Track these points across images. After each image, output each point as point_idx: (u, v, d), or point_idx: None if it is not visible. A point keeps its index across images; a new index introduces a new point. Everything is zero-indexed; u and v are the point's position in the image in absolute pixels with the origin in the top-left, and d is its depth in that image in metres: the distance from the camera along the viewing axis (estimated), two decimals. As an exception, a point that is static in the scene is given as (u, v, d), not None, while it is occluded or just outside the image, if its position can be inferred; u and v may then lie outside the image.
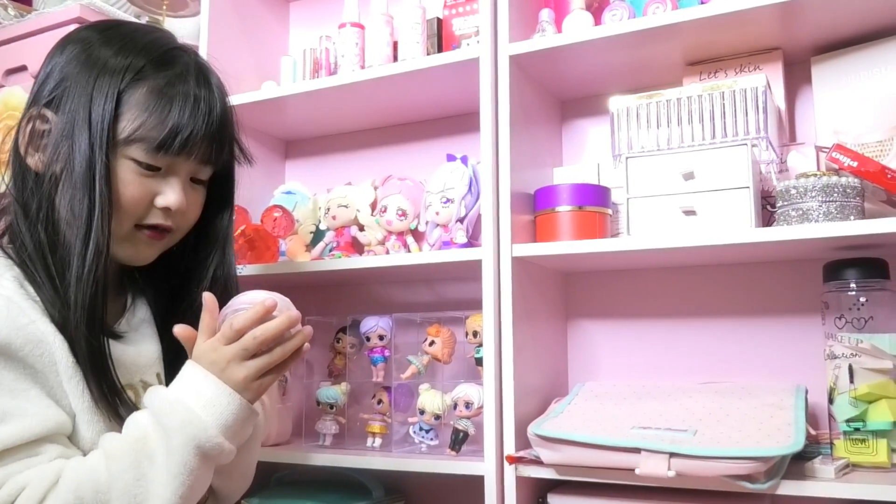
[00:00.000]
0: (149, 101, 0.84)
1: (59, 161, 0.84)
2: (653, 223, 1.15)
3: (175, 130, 0.84)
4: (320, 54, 1.59)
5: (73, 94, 0.84)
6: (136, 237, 0.89)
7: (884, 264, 1.09)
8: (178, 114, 0.84)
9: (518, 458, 1.17)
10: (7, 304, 0.78)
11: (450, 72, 1.35)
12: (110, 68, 0.84)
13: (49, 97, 0.85)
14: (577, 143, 1.49)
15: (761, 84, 1.13)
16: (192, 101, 0.86)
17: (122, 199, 0.84)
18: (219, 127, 0.89)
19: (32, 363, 0.79)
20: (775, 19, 1.16)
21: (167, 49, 0.89)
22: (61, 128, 0.84)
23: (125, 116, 0.83)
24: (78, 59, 0.86)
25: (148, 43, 0.88)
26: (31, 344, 0.78)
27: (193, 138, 0.85)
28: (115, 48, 0.86)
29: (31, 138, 0.86)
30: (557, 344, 1.42)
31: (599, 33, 1.21)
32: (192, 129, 0.85)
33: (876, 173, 1.05)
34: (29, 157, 0.86)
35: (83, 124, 0.82)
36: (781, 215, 1.10)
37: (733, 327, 1.32)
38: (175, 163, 0.87)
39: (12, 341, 0.77)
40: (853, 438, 1.05)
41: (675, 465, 1.01)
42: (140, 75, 0.84)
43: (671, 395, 1.20)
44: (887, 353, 1.05)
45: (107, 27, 0.91)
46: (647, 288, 1.39)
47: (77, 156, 0.82)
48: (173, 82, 0.85)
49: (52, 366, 0.80)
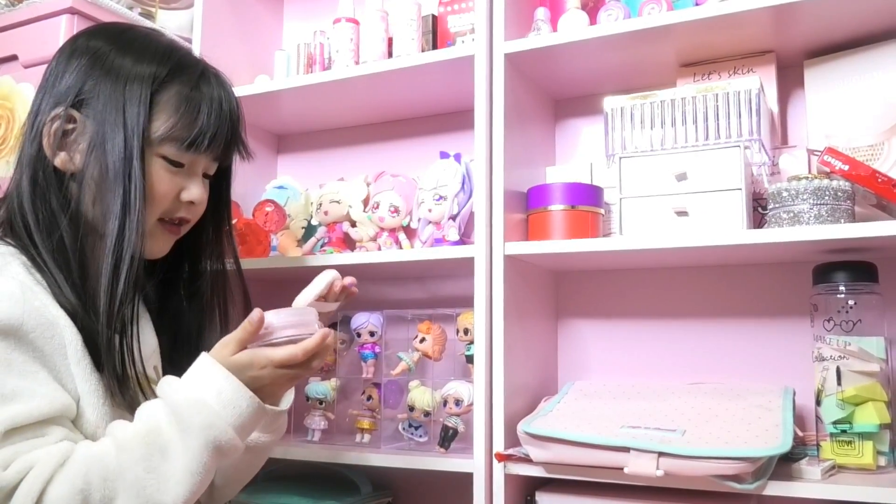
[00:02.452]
0: (179, 103, 0.91)
1: (93, 160, 0.88)
2: (645, 223, 1.16)
3: (203, 131, 0.91)
4: (314, 49, 1.59)
5: (102, 98, 0.89)
6: (158, 231, 0.94)
7: (873, 268, 1.10)
8: (206, 115, 0.92)
9: (507, 456, 1.17)
10: (21, 287, 0.81)
11: (444, 69, 1.35)
12: (138, 76, 0.90)
13: (75, 99, 0.90)
14: (570, 142, 1.49)
15: (754, 86, 1.13)
16: (216, 105, 0.93)
17: (153, 194, 0.91)
18: (235, 126, 0.97)
19: (42, 346, 0.81)
20: (769, 22, 1.17)
21: (183, 53, 0.96)
22: (95, 129, 0.88)
23: (158, 118, 0.90)
24: (97, 67, 0.91)
25: (165, 48, 0.94)
26: (42, 327, 0.81)
27: (217, 137, 0.93)
28: (133, 56, 0.91)
29: (56, 138, 0.89)
30: (548, 342, 1.42)
31: (594, 33, 1.21)
32: (217, 129, 0.93)
33: (867, 177, 1.05)
34: (55, 157, 0.90)
35: (119, 125, 0.88)
36: (773, 217, 1.10)
37: (723, 328, 1.33)
38: (196, 160, 0.94)
39: (25, 322, 0.79)
40: (840, 440, 1.06)
41: (664, 464, 1.02)
42: (167, 79, 0.91)
43: (660, 394, 1.21)
44: (875, 356, 1.06)
45: (115, 35, 0.95)
46: (638, 288, 1.40)
47: (113, 156, 0.87)
48: (198, 85, 0.93)
49: (62, 349, 0.82)
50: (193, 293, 1.03)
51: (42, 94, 0.93)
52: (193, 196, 0.94)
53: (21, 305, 0.79)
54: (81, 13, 1.57)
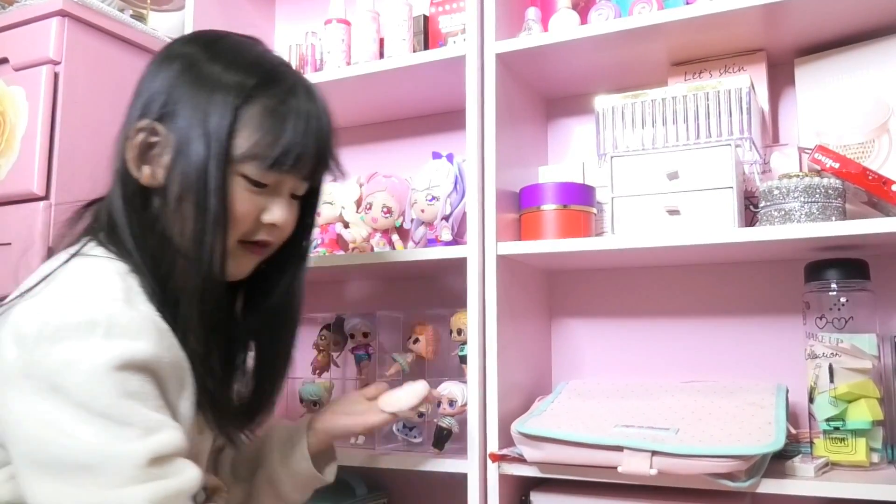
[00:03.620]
0: (263, 119, 0.84)
1: (175, 175, 0.83)
2: (637, 222, 1.16)
3: (288, 149, 0.84)
4: (306, 50, 1.59)
5: (186, 108, 0.83)
6: (239, 252, 0.88)
7: (864, 265, 1.10)
8: (291, 133, 0.84)
9: (501, 456, 1.17)
10: (155, 325, 0.77)
11: (436, 69, 1.35)
12: (224, 85, 0.83)
13: (160, 112, 0.84)
14: (562, 141, 1.49)
15: (745, 85, 1.14)
16: (304, 119, 0.86)
17: (232, 215, 0.84)
18: (325, 145, 0.90)
19: (170, 386, 0.78)
20: (759, 21, 1.17)
21: (275, 64, 0.89)
22: (176, 142, 0.83)
23: (240, 133, 0.83)
24: (185, 74, 0.85)
25: (256, 58, 0.88)
26: (171, 366, 0.78)
27: (304, 157, 0.86)
28: (223, 64, 0.85)
29: (140, 151, 0.85)
30: (541, 342, 1.42)
31: (585, 32, 1.21)
32: (304, 147, 0.86)
33: (857, 175, 1.06)
34: (138, 171, 0.85)
35: (200, 139, 0.82)
36: (764, 215, 1.10)
37: (715, 326, 1.33)
38: (282, 180, 0.87)
39: (161, 358, 0.76)
40: (833, 437, 1.06)
41: (657, 463, 1.02)
42: (253, 92, 0.84)
43: (654, 393, 1.21)
44: (867, 353, 1.06)
45: (208, 42, 0.89)
46: (630, 287, 1.40)
47: (193, 169, 0.82)
48: (285, 100, 0.85)
49: (181, 389, 0.80)
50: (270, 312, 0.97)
51: (133, 102, 0.88)
52: (275, 218, 0.87)
53: (158, 344, 0.76)
54: (72, 15, 1.56)
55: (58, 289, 0.76)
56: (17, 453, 0.72)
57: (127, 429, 0.71)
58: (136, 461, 0.70)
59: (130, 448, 0.70)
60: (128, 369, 0.72)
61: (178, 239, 0.84)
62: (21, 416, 0.71)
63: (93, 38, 1.62)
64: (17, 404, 0.71)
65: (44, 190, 1.52)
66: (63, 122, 1.54)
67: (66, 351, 0.71)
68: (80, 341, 0.71)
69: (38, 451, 0.70)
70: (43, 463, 0.70)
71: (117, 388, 0.71)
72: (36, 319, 0.72)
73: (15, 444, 0.72)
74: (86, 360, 0.70)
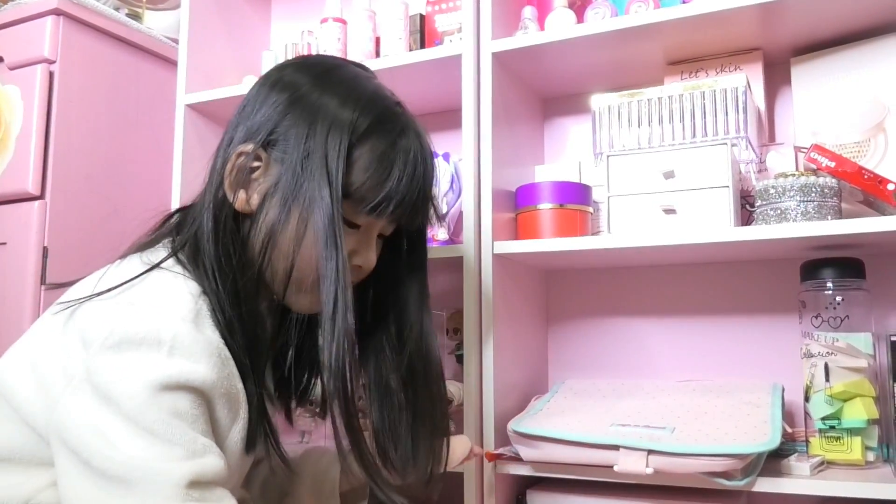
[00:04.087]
0: (370, 161, 0.81)
1: (272, 205, 0.81)
2: (633, 221, 1.16)
3: (390, 196, 0.82)
4: (302, 49, 1.58)
5: (294, 140, 0.81)
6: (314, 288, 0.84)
7: (860, 264, 1.10)
8: (395, 180, 0.82)
9: (497, 455, 1.17)
10: (218, 353, 0.75)
11: (432, 68, 1.34)
12: (340, 121, 0.81)
13: (266, 139, 0.82)
14: (559, 141, 1.49)
15: (741, 84, 1.14)
16: (411, 166, 0.83)
17: None
18: (426, 193, 0.87)
19: (221, 416, 0.77)
20: (755, 20, 1.17)
21: (390, 104, 0.86)
22: (279, 172, 0.81)
23: (346, 172, 0.80)
24: (297, 104, 0.83)
25: (371, 95, 0.85)
26: (226, 396, 0.76)
27: (404, 204, 0.83)
28: (339, 98, 0.82)
29: (239, 174, 0.82)
30: (538, 341, 1.42)
31: (582, 31, 1.21)
32: (405, 195, 0.83)
33: (853, 174, 1.06)
34: (233, 193, 0.82)
35: (307, 174, 0.79)
36: (760, 215, 1.10)
37: (711, 325, 1.33)
38: (374, 222, 0.85)
39: (216, 387, 0.75)
40: (829, 436, 1.06)
41: (653, 462, 1.02)
42: (366, 133, 0.81)
43: (650, 392, 1.21)
44: (863, 352, 1.06)
45: (323, 72, 0.86)
46: (627, 286, 1.40)
47: (304, 207, 0.79)
48: (395, 144, 0.83)
49: (234, 419, 0.78)
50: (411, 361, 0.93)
51: (236, 123, 0.86)
52: (364, 262, 0.86)
53: (217, 371, 0.74)
54: (67, 14, 1.56)
55: (131, 299, 0.75)
56: (65, 449, 0.71)
57: (172, 448, 0.70)
58: (177, 481, 0.69)
59: (172, 468, 0.69)
60: (181, 390, 0.71)
61: (261, 268, 0.82)
62: (77, 417, 0.70)
63: (88, 37, 1.62)
64: (75, 405, 0.71)
65: (39, 189, 1.52)
66: (58, 122, 1.54)
67: (125, 363, 0.70)
68: (141, 355, 0.70)
69: (84, 455, 0.69)
70: (87, 466, 0.69)
71: (168, 406, 0.70)
72: (104, 326, 0.72)
73: (65, 441, 0.71)
74: (143, 374, 0.70)
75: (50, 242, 1.51)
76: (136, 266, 0.79)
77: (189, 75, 1.55)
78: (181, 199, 1.49)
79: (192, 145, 1.54)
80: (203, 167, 0.90)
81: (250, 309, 0.81)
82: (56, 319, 0.78)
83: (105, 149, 1.64)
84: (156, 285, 0.77)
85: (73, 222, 1.56)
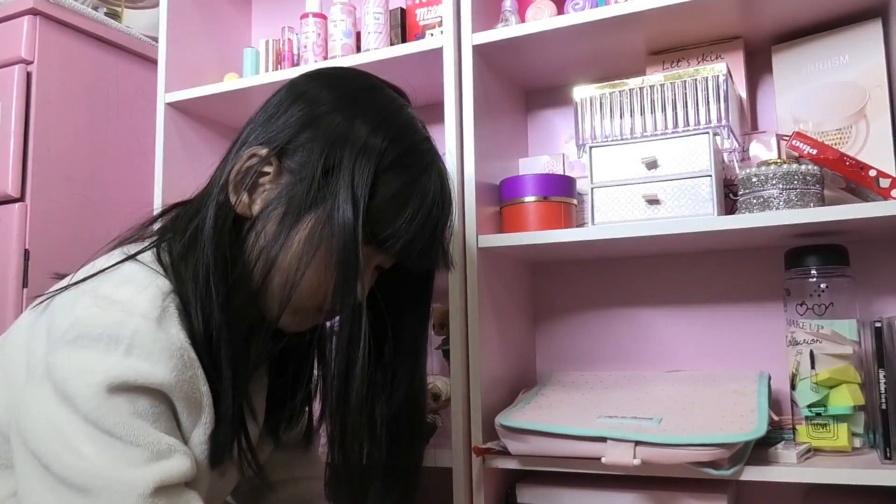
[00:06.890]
0: (386, 194, 0.79)
1: (273, 215, 0.78)
2: (616, 212, 1.15)
3: (397, 233, 0.79)
4: (283, 45, 1.57)
5: (319, 157, 0.78)
6: (312, 314, 0.83)
7: (843, 251, 1.11)
8: (407, 219, 0.79)
9: (485, 450, 1.16)
10: (183, 353, 0.72)
11: (413, 62, 1.34)
12: (370, 148, 0.78)
13: (282, 147, 0.80)
14: (542, 132, 1.49)
15: (722, 73, 1.13)
16: (426, 209, 0.81)
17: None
18: (437, 237, 0.84)
19: (180, 411, 0.74)
20: (736, 8, 1.17)
21: (419, 139, 0.84)
22: (288, 184, 0.79)
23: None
24: (324, 120, 0.80)
25: (403, 126, 0.83)
26: (187, 398, 0.73)
27: (411, 245, 0.81)
28: (371, 123, 0.80)
29: (245, 175, 0.79)
30: (525, 335, 1.42)
31: (562, 22, 1.21)
32: (414, 236, 0.80)
33: (835, 161, 1.06)
34: (236, 195, 0.80)
35: (344, 200, 0.77)
36: (743, 203, 1.10)
37: (697, 315, 1.33)
38: (374, 254, 0.82)
39: (175, 389, 0.72)
40: (815, 423, 1.06)
41: (641, 453, 1.01)
42: (391, 164, 0.79)
43: (637, 384, 1.21)
44: (847, 339, 1.07)
45: (357, 90, 0.84)
46: (612, 277, 1.40)
47: (331, 227, 0.77)
48: (415, 182, 0.80)
49: (196, 419, 0.75)
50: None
51: (254, 125, 0.83)
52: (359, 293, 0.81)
53: (177, 373, 0.71)
54: (44, 14, 1.55)
55: (97, 290, 0.73)
56: (26, 450, 0.68)
57: (134, 450, 0.67)
58: (140, 490, 0.66)
59: (135, 475, 0.66)
60: (137, 391, 0.69)
61: (248, 275, 0.79)
62: (36, 415, 0.68)
63: (66, 37, 1.60)
64: (35, 401, 0.69)
65: (18, 191, 1.51)
66: (37, 123, 1.53)
67: (81, 361, 0.68)
68: (97, 354, 0.68)
69: (45, 460, 0.67)
70: (47, 471, 0.67)
71: (126, 407, 0.68)
72: (67, 318, 0.70)
73: (26, 441, 0.68)
74: (98, 373, 0.67)
75: (31, 245, 1.50)
76: (115, 257, 0.78)
77: (169, 74, 1.54)
78: (163, 198, 1.47)
79: (173, 144, 1.52)
80: (185, 166, 0.88)
81: (237, 317, 0.77)
82: (32, 314, 0.77)
83: (85, 149, 1.62)
84: (125, 277, 0.75)
85: (54, 224, 1.54)
